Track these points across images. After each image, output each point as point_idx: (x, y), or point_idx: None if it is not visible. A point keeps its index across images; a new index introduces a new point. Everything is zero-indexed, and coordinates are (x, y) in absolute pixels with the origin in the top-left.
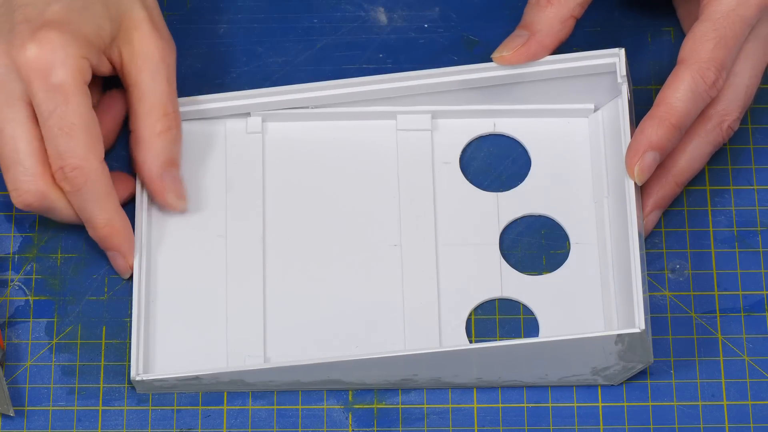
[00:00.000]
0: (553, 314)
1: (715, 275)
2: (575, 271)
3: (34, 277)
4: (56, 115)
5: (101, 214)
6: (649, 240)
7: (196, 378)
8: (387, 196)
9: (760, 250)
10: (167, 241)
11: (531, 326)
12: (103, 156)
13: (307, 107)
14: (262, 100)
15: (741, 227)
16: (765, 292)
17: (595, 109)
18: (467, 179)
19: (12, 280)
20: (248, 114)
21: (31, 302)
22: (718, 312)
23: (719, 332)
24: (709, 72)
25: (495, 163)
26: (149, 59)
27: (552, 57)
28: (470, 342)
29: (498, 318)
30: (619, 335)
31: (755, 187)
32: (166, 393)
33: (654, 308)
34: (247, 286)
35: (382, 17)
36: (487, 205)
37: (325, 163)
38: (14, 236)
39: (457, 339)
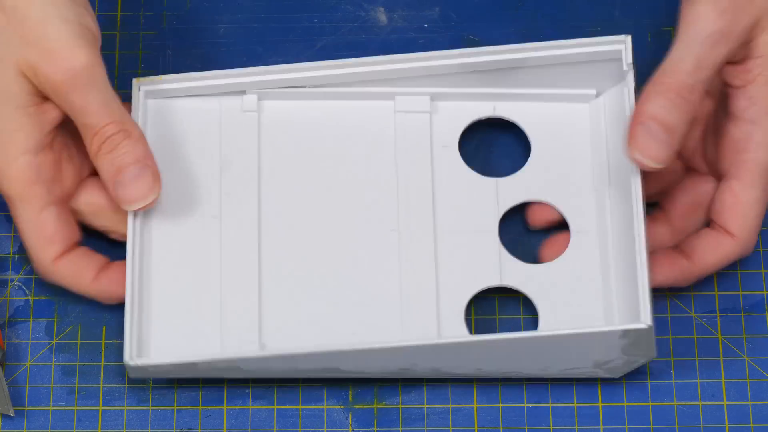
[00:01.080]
0: (552, 302)
1: (715, 275)
2: (575, 260)
3: (34, 277)
4: (13, 219)
5: (80, 292)
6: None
7: (191, 364)
8: (385, 179)
9: (761, 250)
10: (161, 221)
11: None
12: (57, 253)
13: (304, 86)
14: (258, 78)
15: None
16: (765, 292)
17: (597, 95)
18: (466, 163)
19: (12, 280)
20: (244, 92)
21: (31, 302)
22: (718, 312)
23: (719, 332)
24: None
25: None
26: (57, 93)
27: (556, 42)
28: (469, 331)
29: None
30: (624, 330)
31: None
32: (164, 392)
33: (654, 308)
34: (242, 270)
35: (382, 17)
36: (487, 191)
37: (321, 144)
38: (14, 236)
39: (455, 327)
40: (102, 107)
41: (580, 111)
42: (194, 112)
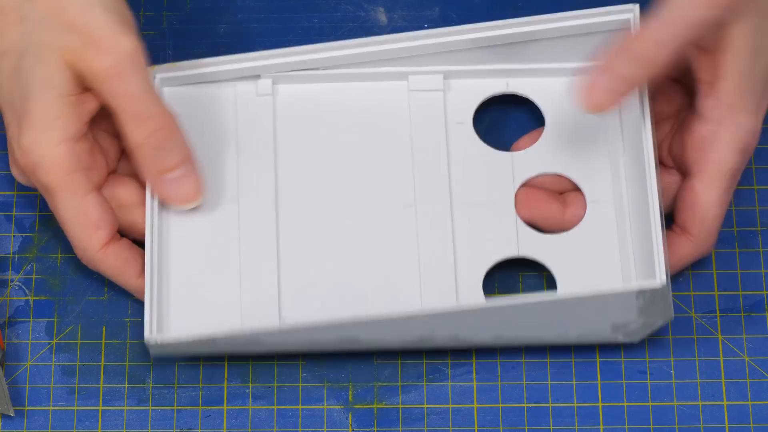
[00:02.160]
0: (570, 272)
1: (715, 275)
2: (592, 229)
3: (34, 277)
4: (51, 209)
5: (124, 285)
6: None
7: (211, 339)
8: (400, 157)
9: (760, 250)
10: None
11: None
12: (104, 240)
13: (317, 68)
14: (272, 62)
15: (741, 227)
16: (765, 292)
17: None
18: (481, 138)
19: (12, 280)
20: (258, 76)
21: (31, 302)
22: (718, 312)
23: (719, 332)
24: None
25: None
26: (101, 81)
27: (565, 14)
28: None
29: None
30: (640, 290)
31: (755, 187)
32: (164, 392)
33: None
34: (261, 248)
35: (382, 17)
36: (502, 165)
37: (336, 125)
38: (14, 236)
39: (474, 299)
40: (146, 94)
41: None
42: (210, 98)
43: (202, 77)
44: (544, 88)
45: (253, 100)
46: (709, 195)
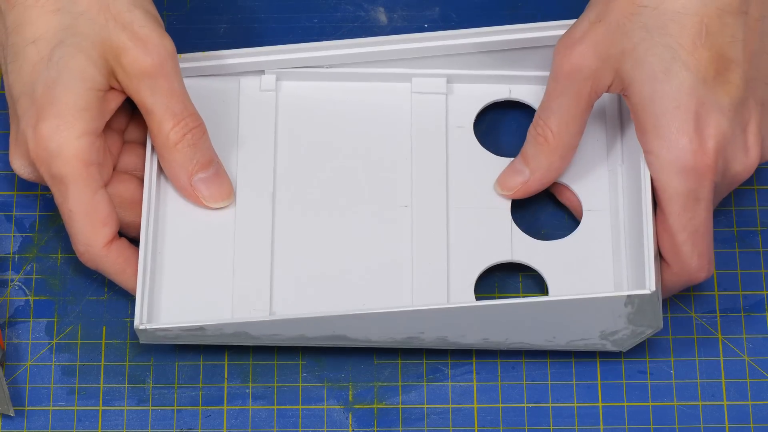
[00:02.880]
0: (563, 280)
1: (715, 275)
2: (587, 238)
3: (34, 277)
4: (59, 202)
5: (123, 285)
6: None
7: (200, 329)
8: (399, 158)
9: (760, 250)
10: (176, 194)
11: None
12: (109, 237)
13: (321, 66)
14: (276, 58)
15: (741, 227)
16: (765, 292)
17: None
18: (481, 143)
19: (12, 280)
20: (262, 72)
21: (31, 302)
22: (718, 312)
23: (719, 332)
24: None
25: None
26: (142, 78)
27: (568, 22)
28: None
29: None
30: (629, 296)
31: (755, 187)
32: (164, 392)
33: None
34: (256, 241)
35: (382, 17)
36: (500, 170)
37: (338, 124)
38: (14, 236)
39: (465, 300)
40: (184, 94)
41: None
42: (213, 90)
43: (207, 70)
44: None
45: (256, 94)
46: (667, 222)
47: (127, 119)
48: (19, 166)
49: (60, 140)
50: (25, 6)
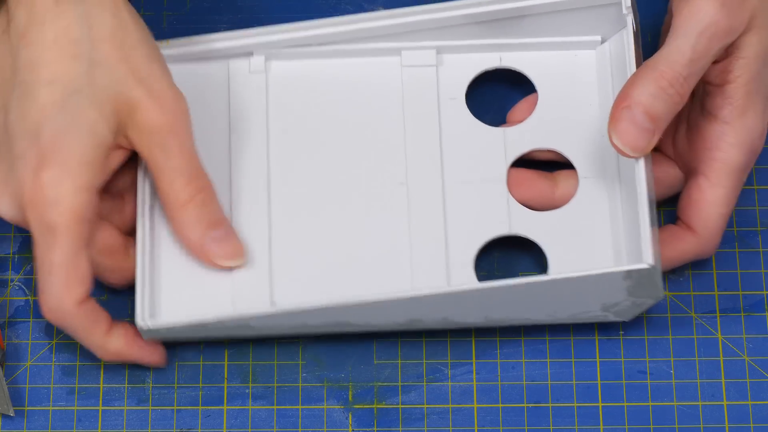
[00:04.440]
0: (562, 249)
1: (715, 275)
2: (584, 206)
3: (34, 277)
4: (41, 251)
5: (92, 342)
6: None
7: (202, 324)
8: (393, 134)
9: (760, 250)
10: None
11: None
12: (82, 296)
13: (310, 45)
14: (264, 39)
15: (741, 227)
16: (765, 292)
17: (603, 41)
18: (473, 115)
19: (12, 280)
20: (251, 53)
21: (31, 302)
22: (718, 312)
23: (719, 332)
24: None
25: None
26: (155, 136)
27: None
28: (479, 281)
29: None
30: (627, 271)
31: (755, 187)
32: (164, 392)
33: (654, 308)
34: (252, 230)
35: None
36: (494, 140)
37: (329, 102)
38: (14, 236)
39: (465, 278)
40: (195, 153)
41: (587, 57)
42: (202, 75)
43: (195, 55)
44: (538, 62)
45: (246, 77)
46: (715, 193)
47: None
48: (3, 204)
49: (61, 190)
50: (44, 46)
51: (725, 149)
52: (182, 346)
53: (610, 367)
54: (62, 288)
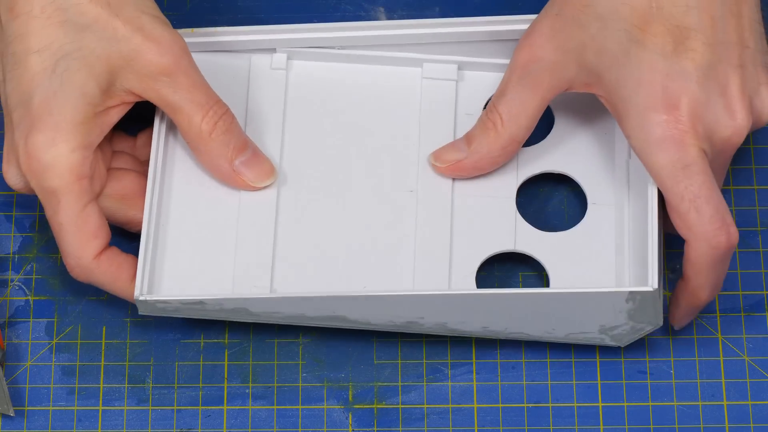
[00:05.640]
0: (565, 271)
1: None
2: (591, 231)
3: (34, 277)
4: (50, 215)
5: (118, 293)
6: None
7: (200, 303)
8: (407, 143)
9: (760, 250)
10: (182, 166)
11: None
12: (98, 249)
13: (333, 47)
14: (288, 36)
15: (741, 227)
16: (765, 292)
17: None
18: None
19: (12, 280)
20: (274, 50)
21: (31, 302)
22: (718, 312)
23: (719, 332)
24: None
25: None
26: (161, 77)
27: None
28: None
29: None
30: (631, 292)
31: (755, 187)
32: (164, 392)
33: None
34: (260, 218)
35: (382, 17)
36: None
37: (347, 105)
38: (14, 236)
39: (465, 288)
40: (206, 84)
41: None
42: (224, 67)
43: (218, 46)
44: None
45: (267, 73)
46: (668, 197)
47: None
48: (11, 176)
49: (54, 153)
50: (30, 16)
51: (642, 159)
52: (182, 346)
53: (610, 367)
54: (76, 246)
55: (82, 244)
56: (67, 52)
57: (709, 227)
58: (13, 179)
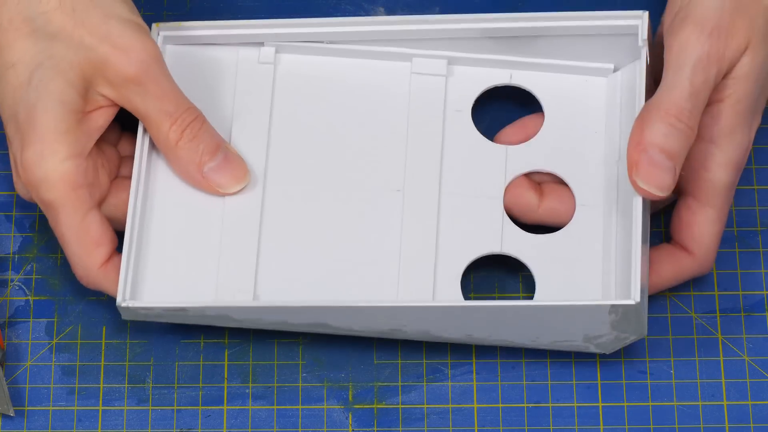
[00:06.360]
0: (551, 274)
1: (715, 275)
2: (578, 234)
3: (34, 277)
4: (52, 226)
5: None
6: (649, 240)
7: (182, 309)
8: (394, 139)
9: (760, 250)
10: (165, 172)
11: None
12: (104, 257)
13: (322, 42)
14: (277, 31)
15: (741, 227)
16: (765, 292)
17: (615, 70)
18: (478, 129)
19: (12, 280)
20: (262, 44)
21: (31, 302)
22: (718, 312)
23: (719, 332)
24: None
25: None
26: (130, 85)
27: (574, 13)
28: (464, 297)
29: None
30: (612, 306)
31: (755, 187)
32: (164, 392)
33: (654, 308)
34: (243, 223)
35: None
36: (495, 157)
37: (335, 100)
38: (14, 236)
39: (451, 292)
40: (176, 91)
41: (597, 85)
42: (212, 60)
43: (206, 39)
44: (548, 84)
45: (254, 67)
46: (706, 213)
47: (119, 132)
48: (19, 188)
49: (45, 166)
50: (1, 29)
51: (713, 169)
52: (182, 346)
53: (610, 367)
54: (81, 256)
55: (86, 254)
56: (39, 62)
57: (714, 256)
58: (22, 191)
